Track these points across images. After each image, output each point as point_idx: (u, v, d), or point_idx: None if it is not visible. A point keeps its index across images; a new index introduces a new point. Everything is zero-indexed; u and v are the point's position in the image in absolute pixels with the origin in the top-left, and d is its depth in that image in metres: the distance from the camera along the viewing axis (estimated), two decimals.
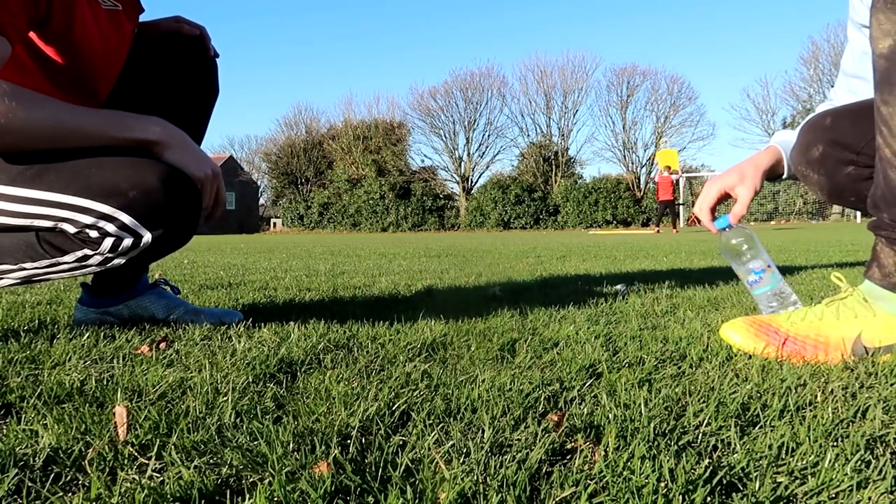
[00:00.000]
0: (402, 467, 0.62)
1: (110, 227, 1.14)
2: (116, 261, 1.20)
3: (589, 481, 0.58)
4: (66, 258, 1.18)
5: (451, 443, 0.68)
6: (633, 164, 36.64)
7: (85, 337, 1.25)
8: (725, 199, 1.41)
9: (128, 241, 1.16)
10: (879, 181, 1.06)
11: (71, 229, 1.14)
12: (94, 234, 1.14)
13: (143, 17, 1.40)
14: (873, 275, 1.10)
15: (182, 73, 1.44)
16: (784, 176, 1.42)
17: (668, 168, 17.50)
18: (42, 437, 0.70)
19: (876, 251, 1.09)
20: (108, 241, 1.16)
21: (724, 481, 0.59)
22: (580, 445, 0.68)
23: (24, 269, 1.20)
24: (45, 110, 1.08)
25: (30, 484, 0.59)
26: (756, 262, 1.33)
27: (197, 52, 1.45)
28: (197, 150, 1.21)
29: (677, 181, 21.60)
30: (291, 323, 1.39)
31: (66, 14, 1.15)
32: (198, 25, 1.47)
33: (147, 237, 1.17)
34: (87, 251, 1.17)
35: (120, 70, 1.33)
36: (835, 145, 1.24)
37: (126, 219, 1.14)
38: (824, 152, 1.26)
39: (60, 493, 0.58)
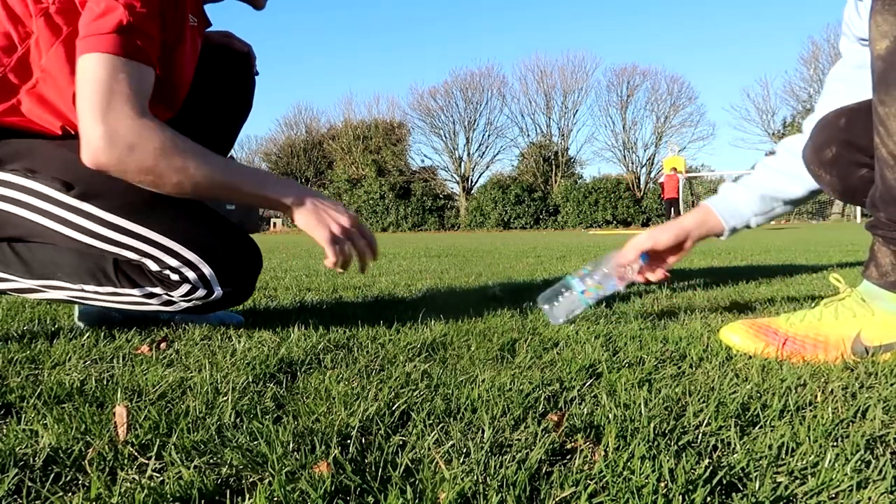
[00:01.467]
0: (402, 467, 0.62)
1: (191, 275, 1.19)
2: (179, 305, 1.23)
3: (589, 481, 0.58)
4: (133, 291, 1.20)
5: (451, 443, 0.68)
6: (633, 164, 36.64)
7: (85, 337, 1.25)
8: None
9: (201, 293, 1.21)
10: (877, 181, 1.06)
11: (153, 267, 1.18)
12: (174, 277, 1.19)
13: None
14: (871, 274, 1.10)
15: (226, 85, 1.46)
16: (724, 236, 1.41)
17: (675, 168, 17.56)
18: (42, 436, 0.70)
19: (873, 251, 1.10)
20: (185, 288, 1.20)
21: (724, 481, 0.59)
22: (580, 445, 0.68)
23: (84, 290, 1.21)
24: (211, 165, 1.10)
25: (30, 484, 0.59)
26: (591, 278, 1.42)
27: (242, 68, 1.48)
28: (326, 210, 1.18)
29: (687, 181, 21.64)
30: (291, 323, 1.39)
31: (178, 32, 1.18)
32: (246, 43, 1.50)
33: (219, 292, 1.22)
34: (158, 290, 1.20)
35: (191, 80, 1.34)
36: (848, 146, 1.23)
37: (207, 271, 1.19)
38: (837, 153, 1.24)
39: (60, 493, 0.58)
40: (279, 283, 2.63)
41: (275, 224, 43.44)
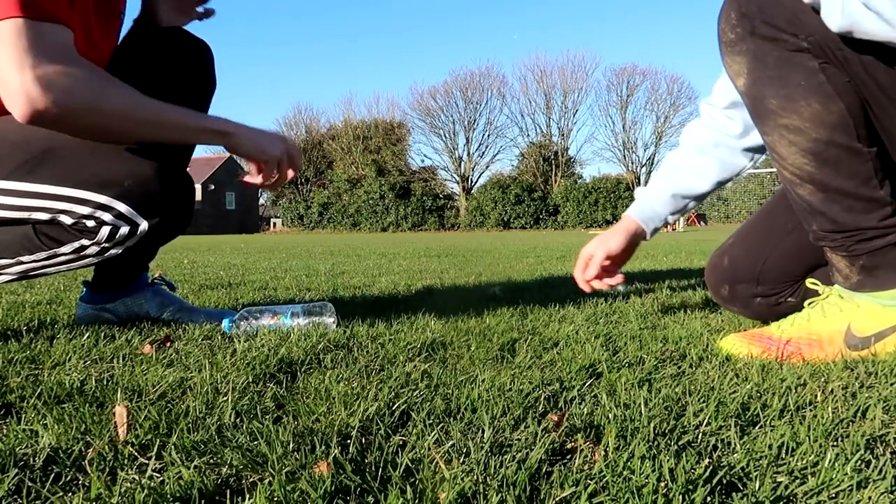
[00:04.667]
0: (402, 467, 0.62)
1: (107, 217, 1.16)
2: (113, 251, 1.21)
3: (589, 481, 0.58)
4: (64, 249, 1.19)
5: (451, 443, 0.68)
6: (633, 163, 36.65)
7: (85, 337, 1.25)
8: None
9: (124, 230, 1.18)
10: (795, 201, 1.10)
11: (68, 220, 1.16)
12: (90, 223, 1.16)
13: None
14: (837, 280, 1.12)
15: (175, 67, 1.43)
16: (648, 238, 1.48)
17: None
18: (42, 437, 0.70)
19: (830, 260, 1.12)
20: (105, 231, 1.17)
21: (724, 481, 0.59)
22: (580, 445, 0.68)
23: (22, 262, 1.21)
24: (153, 102, 1.11)
25: (30, 484, 0.59)
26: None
27: (198, 46, 1.45)
28: (266, 134, 1.25)
29: None
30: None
31: None
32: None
33: (143, 225, 1.19)
34: (84, 241, 1.18)
35: (112, 49, 1.33)
36: (737, 283, 1.35)
37: (122, 207, 1.16)
38: (731, 291, 1.36)
39: (60, 493, 0.58)
40: (279, 283, 2.63)
41: (274, 224, 43.43)
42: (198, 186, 40.45)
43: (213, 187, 42.47)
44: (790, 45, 0.99)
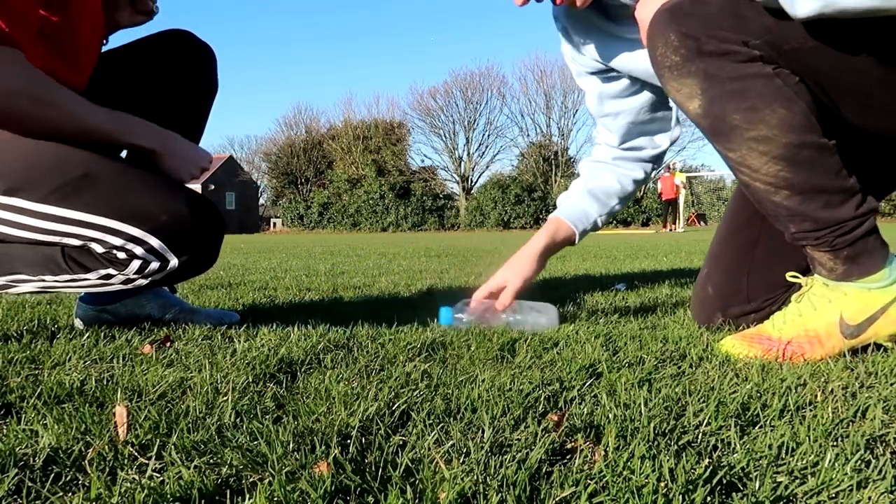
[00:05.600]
0: (402, 467, 0.62)
1: (138, 251, 1.16)
2: (140, 282, 1.21)
3: (589, 481, 0.58)
4: (89, 276, 1.19)
5: (451, 443, 0.68)
6: None
7: (85, 337, 1.25)
8: (503, 289, 1.48)
9: (154, 265, 1.18)
10: (767, 209, 1.10)
11: (99, 249, 1.16)
12: (121, 255, 1.16)
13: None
14: (820, 272, 1.12)
15: (177, 70, 1.43)
16: (577, 241, 1.53)
17: (668, 167, 17.57)
18: (42, 437, 0.70)
19: (812, 256, 1.12)
20: (136, 264, 1.17)
21: (724, 481, 0.59)
22: (580, 445, 0.68)
23: (44, 280, 1.21)
24: (82, 105, 1.11)
25: (30, 484, 0.59)
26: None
27: (200, 49, 1.45)
28: (187, 153, 1.24)
29: (687, 180, 21.73)
30: (291, 323, 1.39)
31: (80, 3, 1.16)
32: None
33: (174, 262, 1.19)
34: (112, 271, 1.18)
35: (100, 50, 1.33)
36: (728, 307, 1.36)
37: (155, 242, 1.16)
38: (725, 317, 1.37)
39: (60, 493, 0.58)
40: (279, 283, 2.63)
41: (275, 224, 43.44)
42: (198, 187, 40.30)
43: (213, 187, 42.41)
44: (742, 55, 0.99)
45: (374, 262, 4.38)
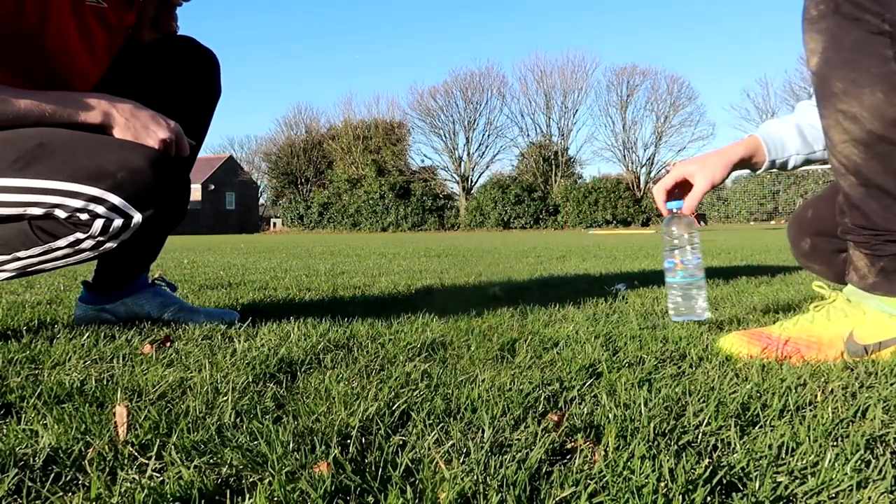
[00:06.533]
0: (402, 467, 0.62)
1: (100, 209, 1.16)
2: (109, 244, 1.21)
3: (589, 481, 0.58)
4: (59, 243, 1.20)
5: (451, 443, 0.68)
6: (633, 163, 36.64)
7: (85, 337, 1.25)
8: (685, 184, 1.40)
9: (118, 223, 1.18)
10: (840, 189, 1.08)
11: (62, 214, 1.16)
12: (84, 216, 1.16)
13: None
14: (851, 278, 1.11)
15: (180, 75, 1.44)
16: (761, 170, 1.41)
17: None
18: (42, 436, 0.70)
19: (851, 256, 1.11)
20: (99, 223, 1.17)
21: (724, 481, 0.59)
22: (580, 445, 0.68)
23: (19, 258, 1.21)
24: (23, 94, 1.12)
25: (30, 484, 0.59)
26: (674, 253, 1.39)
27: (203, 55, 1.46)
28: (145, 121, 1.21)
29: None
30: (291, 323, 1.39)
31: (40, 13, 1.17)
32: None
33: (137, 218, 1.18)
34: (79, 234, 1.19)
35: (105, 69, 1.34)
36: (820, 236, 1.30)
37: (115, 200, 1.16)
38: (813, 244, 1.32)
39: (60, 493, 0.58)
40: (279, 283, 2.63)
41: (275, 224, 43.43)
42: (198, 186, 40.47)
43: (213, 187, 42.46)
44: (871, 26, 0.96)
45: (374, 262, 4.38)
